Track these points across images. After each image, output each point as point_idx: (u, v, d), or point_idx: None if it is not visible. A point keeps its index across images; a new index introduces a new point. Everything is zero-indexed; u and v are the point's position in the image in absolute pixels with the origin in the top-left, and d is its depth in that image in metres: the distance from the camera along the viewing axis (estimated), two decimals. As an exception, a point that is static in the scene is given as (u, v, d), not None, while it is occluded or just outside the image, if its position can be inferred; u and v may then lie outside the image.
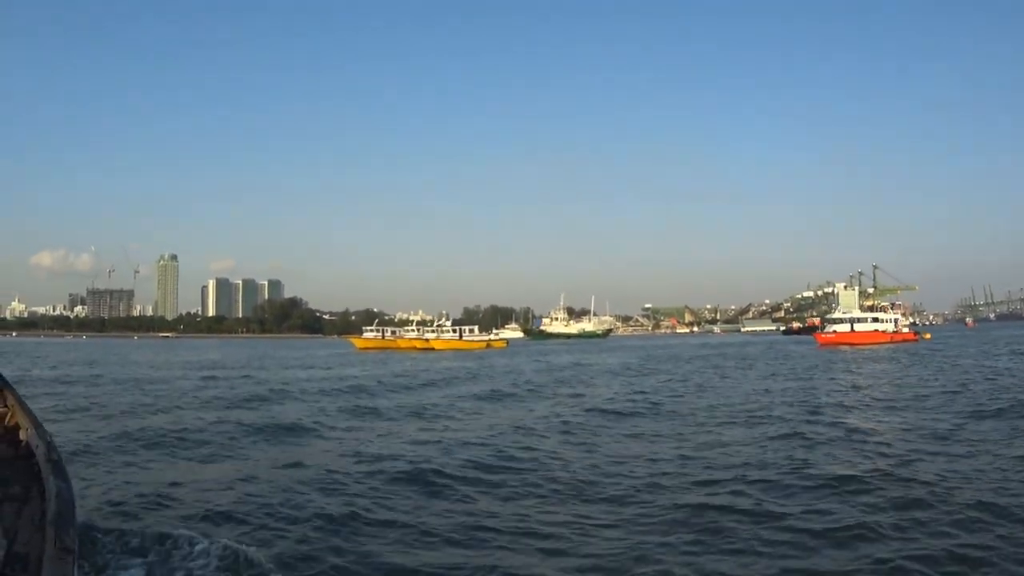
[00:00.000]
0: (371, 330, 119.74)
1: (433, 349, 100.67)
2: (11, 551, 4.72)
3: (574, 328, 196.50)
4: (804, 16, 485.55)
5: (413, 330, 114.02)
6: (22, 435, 7.51)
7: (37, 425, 7.51)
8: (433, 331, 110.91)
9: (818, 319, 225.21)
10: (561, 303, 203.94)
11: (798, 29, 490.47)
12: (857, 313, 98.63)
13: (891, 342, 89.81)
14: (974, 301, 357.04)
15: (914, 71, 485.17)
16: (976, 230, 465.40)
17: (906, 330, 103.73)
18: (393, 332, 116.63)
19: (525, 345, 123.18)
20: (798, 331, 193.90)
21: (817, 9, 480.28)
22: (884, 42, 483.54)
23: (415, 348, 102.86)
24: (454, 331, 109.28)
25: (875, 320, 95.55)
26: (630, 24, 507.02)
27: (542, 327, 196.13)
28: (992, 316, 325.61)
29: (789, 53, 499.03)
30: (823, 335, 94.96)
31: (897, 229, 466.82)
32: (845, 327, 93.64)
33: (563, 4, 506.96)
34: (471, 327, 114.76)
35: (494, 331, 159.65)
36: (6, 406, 8.48)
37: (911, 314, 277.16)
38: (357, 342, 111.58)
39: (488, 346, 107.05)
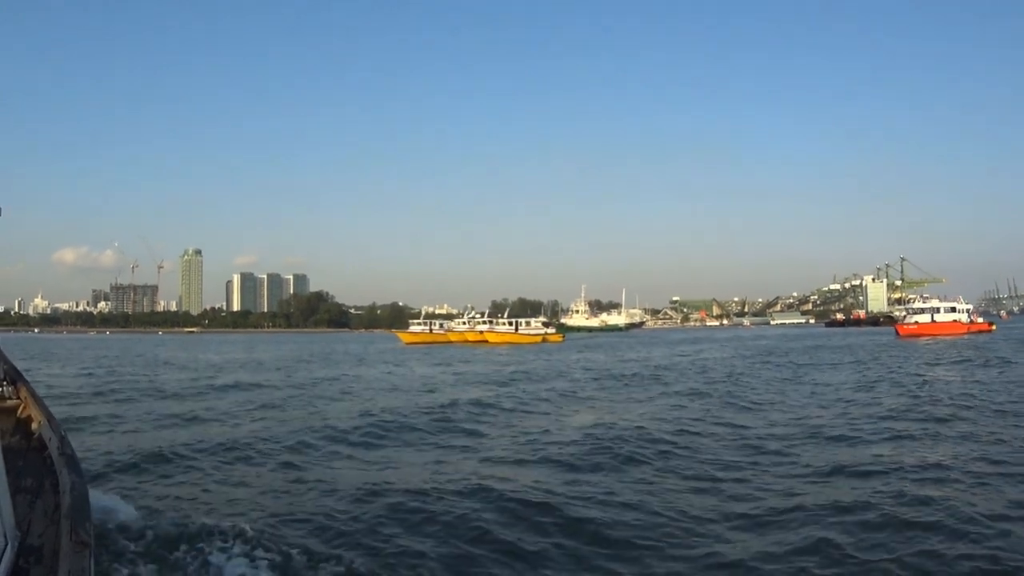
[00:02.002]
0: (418, 323, 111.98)
1: (487, 342, 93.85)
2: (25, 543, 4.55)
3: (595, 321, 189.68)
4: (828, 9, 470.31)
5: (464, 322, 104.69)
6: (34, 427, 7.28)
7: (50, 418, 7.23)
8: (485, 323, 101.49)
9: (863, 312, 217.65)
10: (582, 295, 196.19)
11: (822, 22, 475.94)
12: (935, 303, 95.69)
13: (968, 332, 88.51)
14: (998, 294, 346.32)
15: (941, 65, 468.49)
16: (1000, 224, 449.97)
17: (980, 320, 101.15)
18: (441, 325, 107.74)
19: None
20: (842, 323, 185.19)
21: (843, 2, 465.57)
22: (911, 34, 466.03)
23: (467, 341, 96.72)
24: (509, 323, 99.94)
25: (952, 310, 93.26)
26: (659, 20, 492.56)
27: (563, 320, 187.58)
28: (1016, 309, 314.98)
29: (814, 47, 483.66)
30: (904, 326, 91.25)
31: (919, 222, 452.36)
32: (926, 317, 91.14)
33: (588, 3, 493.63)
34: (527, 319, 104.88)
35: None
36: (19, 398, 8.32)
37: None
38: (404, 336, 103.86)
39: (544, 340, 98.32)
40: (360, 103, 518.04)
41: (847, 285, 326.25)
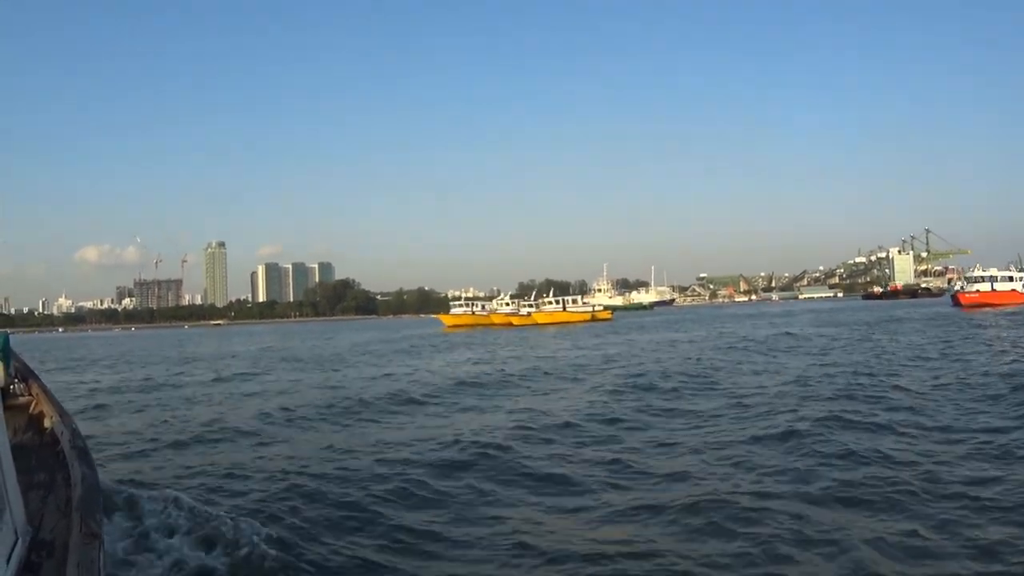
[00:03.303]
0: (460, 305, 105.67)
1: (536, 324, 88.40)
2: (37, 537, 4.55)
3: (619, 300, 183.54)
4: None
5: (507, 304, 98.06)
6: (47, 423, 7.29)
7: (62, 413, 7.29)
8: (530, 304, 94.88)
9: (900, 284, 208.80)
10: (604, 274, 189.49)
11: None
12: (994, 272, 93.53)
13: None
14: (1021, 264, 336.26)
15: (966, 36, 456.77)
16: (1021, 195, 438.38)
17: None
18: (483, 307, 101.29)
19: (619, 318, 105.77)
20: (879, 296, 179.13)
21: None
22: (935, 7, 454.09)
23: (512, 324, 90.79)
24: (556, 302, 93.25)
25: (1010, 279, 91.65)
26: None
27: (585, 300, 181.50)
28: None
29: (838, 19, 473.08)
30: (967, 295, 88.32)
31: (941, 195, 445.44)
32: (986, 286, 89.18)
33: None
34: (573, 298, 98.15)
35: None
36: (31, 395, 8.38)
37: (961, 278, 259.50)
38: (446, 319, 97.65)
39: (593, 318, 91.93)
40: (383, 92, 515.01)
41: (872, 258, 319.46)
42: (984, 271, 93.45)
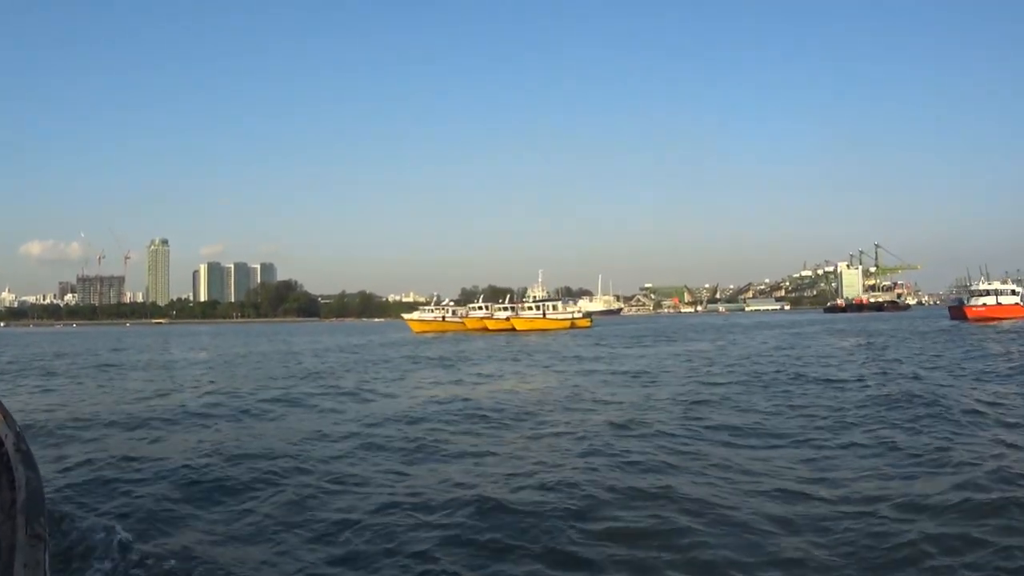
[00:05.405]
0: (429, 309, 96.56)
1: (514, 329, 79.62)
2: None
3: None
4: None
5: (480, 307, 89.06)
6: None
7: (5, 414, 5.94)
8: (505, 308, 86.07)
9: (865, 297, 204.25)
10: (539, 281, 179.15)
11: (792, 11, 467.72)
12: (998, 285, 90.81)
13: None
14: (969, 282, 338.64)
15: (915, 49, 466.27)
16: (973, 209, 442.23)
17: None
18: (453, 311, 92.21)
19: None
20: (843, 309, 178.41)
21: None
22: (885, 19, 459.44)
23: (487, 329, 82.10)
24: (536, 308, 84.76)
25: (1013, 293, 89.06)
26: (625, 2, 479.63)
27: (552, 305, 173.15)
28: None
29: (786, 29, 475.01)
30: (974, 309, 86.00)
31: (888, 210, 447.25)
32: (991, 300, 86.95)
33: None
34: (553, 303, 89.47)
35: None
36: None
37: (911, 293, 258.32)
38: (414, 325, 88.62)
39: (573, 325, 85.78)
40: (327, 94, 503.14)
41: (820, 271, 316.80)
42: (989, 284, 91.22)
